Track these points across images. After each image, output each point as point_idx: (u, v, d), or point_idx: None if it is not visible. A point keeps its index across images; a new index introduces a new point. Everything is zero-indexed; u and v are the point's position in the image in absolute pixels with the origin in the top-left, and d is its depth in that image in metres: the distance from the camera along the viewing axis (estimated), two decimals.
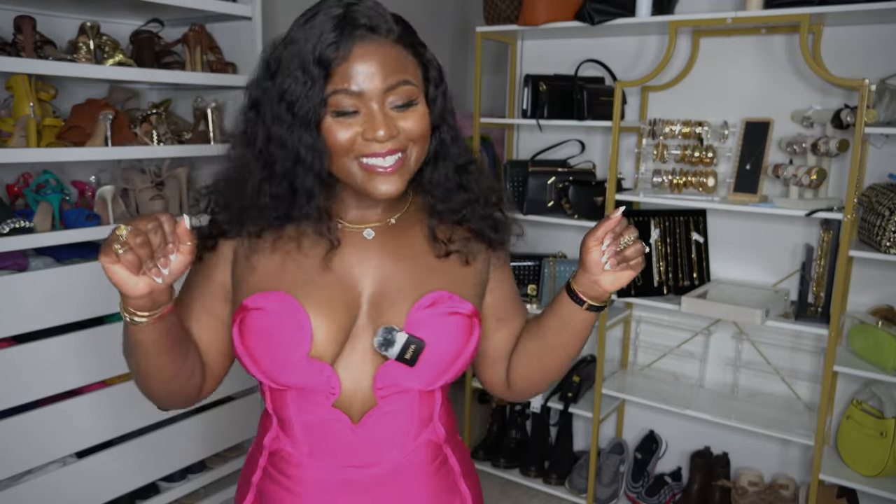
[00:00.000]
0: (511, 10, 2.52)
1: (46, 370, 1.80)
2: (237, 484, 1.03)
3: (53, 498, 1.85)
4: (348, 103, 0.83)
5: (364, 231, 0.93)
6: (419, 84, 0.87)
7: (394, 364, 0.88)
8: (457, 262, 0.95)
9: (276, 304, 0.87)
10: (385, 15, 0.85)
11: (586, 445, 2.74)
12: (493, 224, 0.97)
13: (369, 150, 0.84)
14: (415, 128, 0.86)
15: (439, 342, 0.90)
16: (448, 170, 0.94)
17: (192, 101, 2.29)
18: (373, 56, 0.82)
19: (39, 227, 1.78)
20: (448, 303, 0.91)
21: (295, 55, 0.83)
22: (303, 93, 0.82)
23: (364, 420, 0.90)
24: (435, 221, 0.95)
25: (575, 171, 2.57)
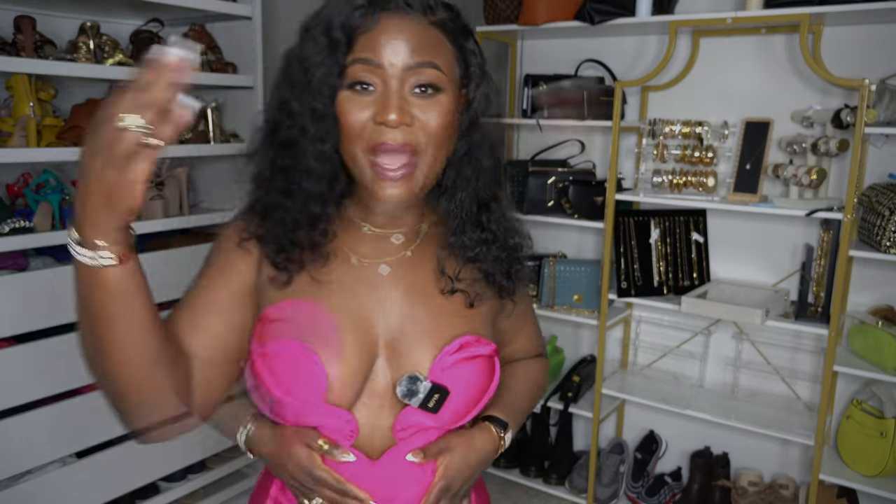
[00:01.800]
0: (511, 10, 2.52)
1: (46, 370, 1.80)
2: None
3: (53, 498, 1.85)
4: (366, 75, 0.76)
5: (380, 267, 0.86)
6: (450, 73, 0.79)
7: (415, 409, 0.84)
8: (461, 301, 0.88)
9: (289, 351, 0.80)
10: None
11: (586, 445, 2.73)
12: (507, 271, 0.90)
13: (379, 139, 0.76)
14: (432, 120, 0.77)
15: (463, 388, 0.85)
16: (468, 201, 0.86)
17: None
18: (401, 30, 0.76)
19: (39, 227, 1.78)
20: (474, 346, 0.86)
21: (322, 20, 0.78)
22: (321, 58, 0.76)
23: (383, 458, 0.85)
24: (445, 254, 0.88)
25: (575, 171, 2.57)
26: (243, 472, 2.45)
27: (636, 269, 2.37)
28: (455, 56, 0.81)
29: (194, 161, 2.38)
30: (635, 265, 2.37)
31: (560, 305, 2.54)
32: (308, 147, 0.80)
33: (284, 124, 0.81)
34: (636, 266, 2.37)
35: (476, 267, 0.89)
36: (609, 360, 2.68)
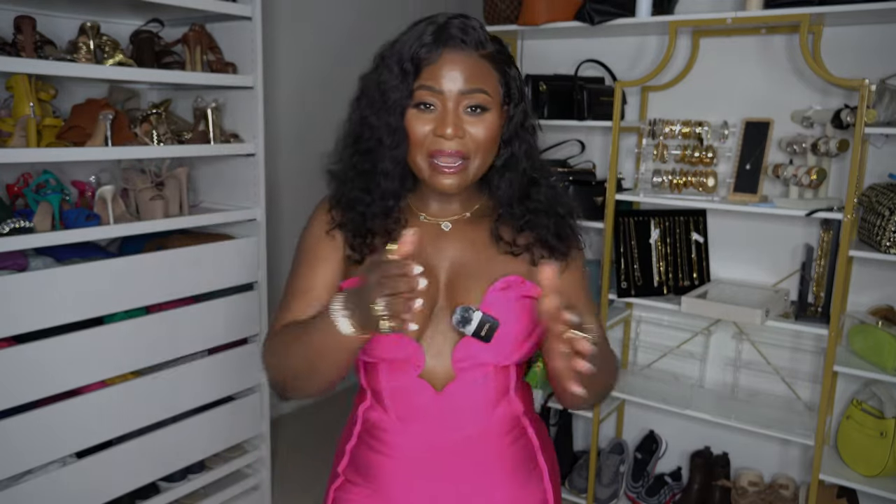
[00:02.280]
0: (511, 10, 2.52)
1: (46, 370, 1.80)
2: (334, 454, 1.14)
3: (53, 498, 1.85)
4: (429, 98, 0.97)
5: (443, 224, 1.06)
6: (495, 96, 0.99)
7: (471, 340, 0.96)
8: (525, 261, 1.04)
9: None
10: (479, 32, 0.98)
11: (586, 445, 2.73)
12: (557, 234, 1.06)
13: (437, 147, 0.97)
14: (481, 134, 0.97)
15: (512, 321, 0.99)
16: (515, 180, 1.04)
17: (192, 101, 2.29)
18: (458, 63, 0.96)
19: (39, 227, 1.78)
20: (521, 287, 1.01)
21: (396, 52, 0.98)
22: (395, 83, 0.97)
23: (446, 389, 1.00)
24: (498, 225, 1.05)
25: (575, 171, 2.57)
26: (243, 472, 2.46)
27: (636, 269, 2.37)
28: (499, 81, 1.00)
29: (194, 161, 2.39)
30: (635, 265, 2.37)
31: None
32: (385, 153, 1.00)
33: (364, 136, 1.01)
34: (636, 266, 2.37)
35: (529, 233, 1.05)
36: None
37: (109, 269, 1.91)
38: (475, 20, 1.00)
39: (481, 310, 0.96)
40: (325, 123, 3.36)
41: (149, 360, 2.03)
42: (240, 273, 2.25)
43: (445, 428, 1.01)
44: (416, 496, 1.03)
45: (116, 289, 1.92)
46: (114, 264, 1.92)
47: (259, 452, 2.43)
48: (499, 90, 1.00)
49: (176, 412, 2.13)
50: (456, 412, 1.01)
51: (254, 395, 2.37)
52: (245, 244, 2.26)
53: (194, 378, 2.16)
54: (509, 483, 1.05)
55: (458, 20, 0.98)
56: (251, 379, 2.35)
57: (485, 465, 1.03)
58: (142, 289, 1.98)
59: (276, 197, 3.07)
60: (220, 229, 2.33)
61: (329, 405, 3.43)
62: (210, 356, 2.23)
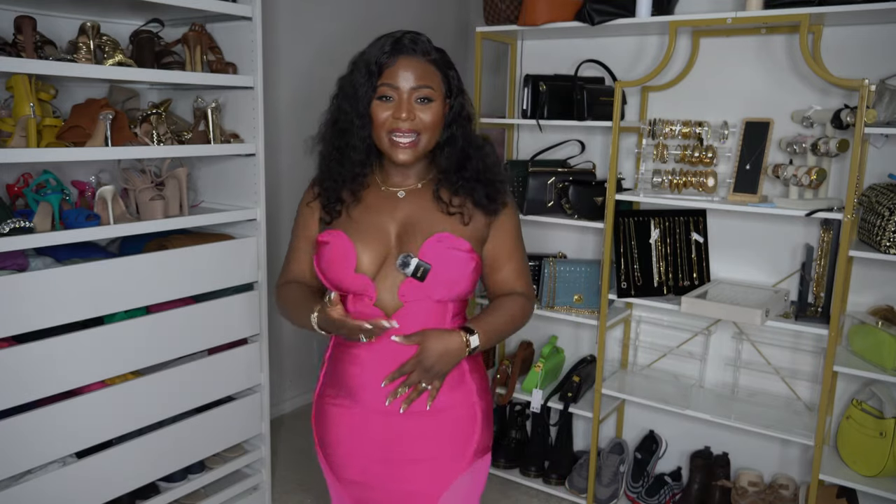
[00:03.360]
0: (511, 11, 2.52)
1: (46, 370, 1.80)
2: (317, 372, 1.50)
3: (53, 498, 1.85)
4: (389, 92, 1.29)
5: (398, 192, 1.38)
6: (438, 90, 1.31)
7: (412, 280, 1.30)
8: (458, 220, 1.36)
9: (334, 238, 1.34)
10: (426, 44, 1.31)
11: (586, 445, 2.74)
12: (486, 195, 1.36)
13: (395, 126, 1.28)
14: (428, 117, 1.30)
15: (443, 267, 1.30)
16: (453, 153, 1.36)
17: (192, 101, 2.29)
18: (410, 66, 1.28)
19: (39, 227, 1.78)
20: (450, 241, 1.32)
21: (364, 59, 1.31)
22: (363, 81, 1.29)
23: (394, 316, 1.31)
24: (439, 188, 1.37)
25: (575, 171, 2.57)
26: (243, 472, 2.46)
27: (636, 269, 2.37)
28: (441, 79, 1.32)
29: (194, 161, 2.39)
30: (635, 265, 2.37)
31: (560, 305, 2.54)
32: (355, 132, 1.32)
33: (340, 120, 1.34)
34: (636, 266, 2.37)
35: (464, 196, 1.36)
36: (609, 360, 2.69)
37: (109, 269, 1.91)
38: (423, 35, 1.32)
39: (418, 257, 1.28)
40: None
41: (149, 360, 2.03)
42: (240, 273, 2.25)
43: (393, 344, 1.31)
44: (371, 394, 1.36)
45: (116, 289, 1.92)
46: (114, 264, 1.92)
47: (259, 452, 2.43)
48: (441, 86, 1.32)
49: (176, 412, 2.13)
50: (402, 333, 1.30)
51: (254, 395, 2.37)
52: (245, 244, 2.26)
53: (194, 378, 2.16)
54: (443, 389, 1.36)
55: (410, 34, 1.30)
56: (251, 379, 2.35)
57: None
58: (142, 289, 1.98)
59: (276, 197, 3.07)
60: (220, 229, 2.33)
61: None
62: (210, 356, 2.23)
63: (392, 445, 1.37)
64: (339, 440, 1.41)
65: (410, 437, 1.37)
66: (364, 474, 1.40)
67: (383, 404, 1.35)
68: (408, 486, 1.39)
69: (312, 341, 3.42)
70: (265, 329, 2.37)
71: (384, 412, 1.36)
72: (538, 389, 2.55)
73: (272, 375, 2.68)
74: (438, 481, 1.38)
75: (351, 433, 1.39)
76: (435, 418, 1.37)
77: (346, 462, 1.41)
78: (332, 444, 1.43)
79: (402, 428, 1.37)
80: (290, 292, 1.44)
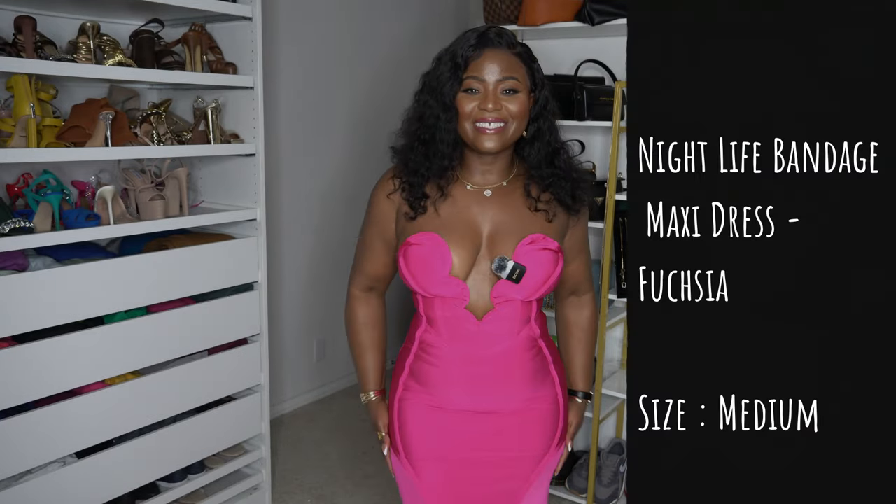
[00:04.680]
0: (511, 10, 2.52)
1: (46, 370, 1.80)
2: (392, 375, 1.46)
3: (53, 498, 1.85)
4: (475, 84, 1.27)
5: (485, 191, 1.35)
6: (524, 83, 1.29)
7: (505, 282, 1.29)
8: (543, 217, 1.35)
9: (429, 241, 1.30)
10: (510, 37, 1.30)
11: (586, 445, 2.74)
12: (572, 194, 1.36)
13: (481, 116, 1.26)
14: (514, 108, 1.27)
15: (535, 268, 1.30)
16: (541, 149, 1.34)
17: (192, 101, 2.30)
18: (495, 58, 1.27)
19: (39, 227, 1.78)
20: (542, 242, 1.31)
21: (449, 53, 1.30)
22: (448, 75, 1.28)
23: (485, 318, 1.31)
24: (530, 184, 1.36)
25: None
26: (243, 472, 2.46)
27: None
28: (526, 72, 1.30)
29: (194, 161, 2.39)
30: None
31: None
32: (441, 125, 1.30)
33: (426, 115, 1.32)
34: None
35: (551, 193, 1.35)
36: (609, 360, 2.69)
37: (109, 269, 1.91)
38: (507, 30, 1.31)
39: (513, 259, 1.28)
40: (325, 123, 3.37)
41: (149, 360, 2.03)
42: (240, 273, 2.25)
43: (483, 346, 1.32)
44: (459, 395, 1.35)
45: (116, 289, 1.92)
46: (114, 264, 1.92)
47: (259, 452, 2.43)
48: (526, 79, 1.29)
49: (176, 412, 2.14)
50: (491, 334, 1.32)
51: (254, 395, 2.37)
52: (245, 244, 2.26)
53: (194, 378, 2.16)
54: (529, 385, 1.37)
55: (495, 28, 1.30)
56: (251, 379, 2.35)
57: (511, 372, 1.35)
58: (142, 289, 1.98)
59: (276, 197, 3.07)
60: (220, 229, 2.33)
61: (329, 406, 3.43)
62: (210, 356, 2.23)
63: (482, 445, 1.37)
64: (426, 441, 1.39)
65: (500, 434, 1.36)
66: (450, 475, 1.39)
67: (472, 404, 1.35)
68: (494, 487, 1.39)
69: (312, 341, 3.43)
70: (265, 329, 2.37)
71: (473, 411, 1.35)
72: None
73: (272, 375, 2.68)
74: (525, 479, 1.40)
75: (439, 433, 1.38)
76: (523, 415, 1.37)
77: (432, 463, 1.39)
78: (418, 445, 1.40)
79: (491, 426, 1.36)
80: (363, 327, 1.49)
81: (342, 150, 3.38)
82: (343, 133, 3.37)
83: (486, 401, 1.35)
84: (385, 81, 3.50)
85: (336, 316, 3.50)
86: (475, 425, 1.36)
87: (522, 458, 1.39)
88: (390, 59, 3.51)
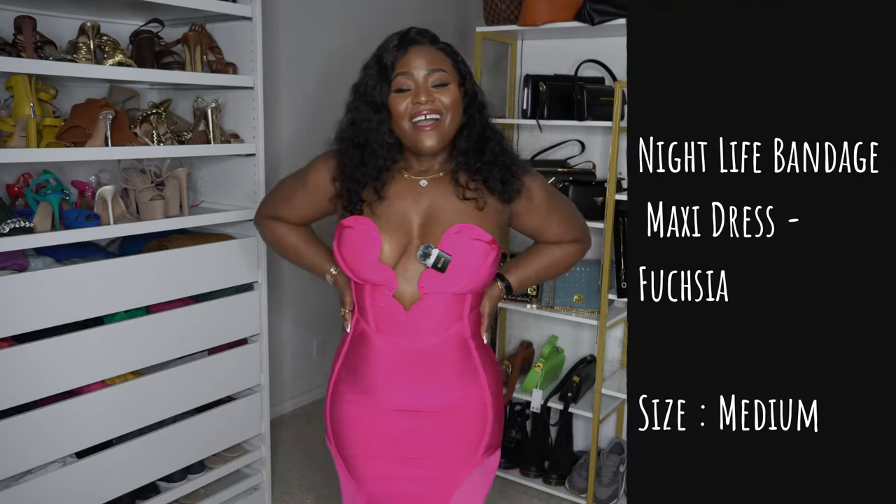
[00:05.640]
0: (511, 11, 2.52)
1: (46, 370, 1.80)
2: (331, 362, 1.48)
3: (53, 498, 1.85)
4: (404, 82, 1.29)
5: (421, 181, 1.36)
6: (452, 74, 1.31)
7: (431, 272, 1.30)
8: (474, 206, 1.34)
9: (361, 225, 1.32)
10: (433, 35, 1.34)
11: (586, 445, 2.74)
12: (501, 180, 1.35)
13: (416, 111, 1.27)
14: (446, 100, 1.29)
15: (463, 257, 1.30)
16: (471, 136, 1.35)
17: (192, 101, 2.29)
18: (420, 53, 1.29)
19: (39, 227, 1.78)
20: (472, 232, 1.31)
21: (375, 58, 1.33)
22: (376, 78, 1.30)
23: (412, 309, 1.32)
24: (457, 171, 1.36)
25: (575, 171, 2.57)
26: (243, 472, 2.46)
27: None
28: (453, 65, 1.33)
29: (194, 161, 2.39)
30: None
31: (560, 306, 2.54)
32: (374, 128, 1.31)
33: (358, 120, 1.33)
34: None
35: (480, 180, 1.35)
36: (609, 360, 2.69)
37: (109, 269, 1.91)
38: (428, 29, 1.35)
39: (438, 248, 1.29)
40: (325, 123, 3.36)
41: (149, 360, 2.03)
42: (240, 273, 2.25)
43: (411, 338, 1.33)
44: (386, 388, 1.36)
45: (116, 289, 1.92)
46: (114, 264, 1.92)
47: (259, 452, 2.43)
48: (453, 71, 1.32)
49: (176, 412, 2.13)
50: (419, 326, 1.33)
51: (254, 395, 2.37)
52: (245, 244, 2.26)
53: (194, 378, 2.16)
54: (457, 385, 1.37)
55: (416, 28, 1.34)
56: (251, 379, 2.35)
57: (439, 370, 1.35)
58: (142, 289, 1.98)
59: None
60: (220, 229, 2.33)
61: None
62: (210, 356, 2.23)
63: (405, 443, 1.38)
64: (352, 435, 1.41)
65: (423, 434, 1.38)
66: (377, 471, 1.40)
67: (397, 401, 1.36)
68: (419, 485, 1.39)
69: (312, 341, 3.42)
70: (265, 329, 2.37)
71: (398, 409, 1.37)
72: (538, 389, 2.55)
73: (272, 375, 2.68)
74: (450, 480, 1.40)
75: (365, 428, 1.40)
76: (447, 415, 1.38)
77: (360, 457, 1.41)
78: (346, 438, 1.43)
79: (415, 425, 1.37)
80: (288, 233, 1.52)
81: None
82: None
83: (412, 397, 1.36)
84: None
85: (336, 316, 3.50)
86: (402, 422, 1.37)
87: (445, 458, 1.39)
88: None
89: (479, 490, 1.43)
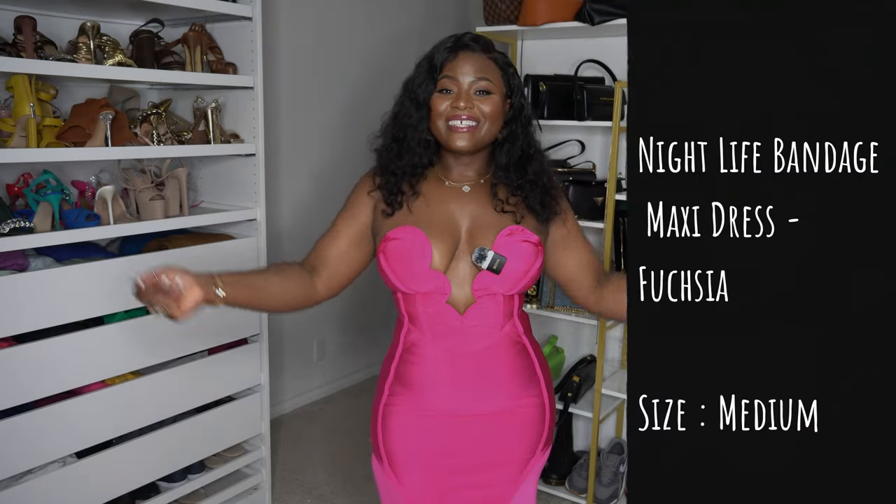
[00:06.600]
0: (511, 11, 2.52)
1: (46, 370, 1.80)
2: (377, 380, 1.43)
3: (53, 498, 1.85)
4: (449, 84, 1.30)
5: (463, 187, 1.36)
6: (498, 85, 1.31)
7: (485, 273, 1.29)
8: (512, 218, 1.34)
9: (409, 235, 1.30)
10: (488, 43, 1.33)
11: (586, 445, 2.74)
12: (541, 202, 1.35)
13: (454, 114, 1.28)
14: (486, 109, 1.29)
15: (515, 259, 1.30)
16: (513, 151, 1.35)
17: (192, 101, 2.30)
18: (469, 60, 1.30)
19: (39, 227, 1.78)
20: (522, 234, 1.32)
21: (427, 57, 1.34)
22: (424, 77, 1.32)
23: (466, 312, 1.31)
24: (497, 184, 1.36)
25: (575, 171, 2.57)
26: (243, 472, 2.46)
27: None
28: (501, 76, 1.32)
29: (194, 161, 2.39)
30: None
31: (560, 306, 2.54)
32: (414, 124, 1.33)
33: (401, 114, 1.35)
34: None
35: (519, 197, 1.35)
36: (609, 360, 2.69)
37: (109, 269, 1.91)
38: (484, 36, 1.35)
39: (493, 250, 1.29)
40: (325, 123, 3.37)
41: (149, 360, 2.03)
42: None
43: (466, 342, 1.32)
44: (444, 395, 1.33)
45: (116, 289, 1.92)
46: (114, 264, 1.92)
47: (259, 452, 2.43)
48: (501, 83, 1.32)
49: (176, 412, 2.13)
50: (474, 329, 1.32)
51: (254, 395, 2.37)
52: (245, 244, 2.26)
53: (194, 378, 2.16)
54: (513, 385, 1.36)
55: (471, 34, 1.34)
56: (251, 379, 2.35)
57: (494, 370, 1.34)
58: None
59: (276, 197, 3.07)
60: (220, 229, 2.33)
61: (329, 406, 3.43)
62: (210, 356, 2.23)
63: (466, 452, 1.35)
64: (404, 447, 1.37)
65: (485, 439, 1.35)
66: (438, 484, 1.36)
67: (459, 408, 1.33)
68: (479, 493, 1.37)
69: (312, 341, 3.42)
70: (265, 329, 2.37)
71: (460, 415, 1.34)
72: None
73: (272, 375, 2.68)
74: (511, 483, 1.38)
75: (426, 441, 1.35)
76: (507, 418, 1.36)
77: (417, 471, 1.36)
78: (398, 452, 1.37)
79: (473, 431, 1.35)
80: (273, 267, 1.38)
81: (342, 151, 3.38)
82: (343, 133, 3.37)
83: (471, 401, 1.34)
84: (385, 82, 3.50)
85: (336, 316, 3.51)
86: (460, 430, 1.34)
87: (508, 462, 1.38)
88: (390, 59, 3.51)
89: (534, 486, 1.44)
